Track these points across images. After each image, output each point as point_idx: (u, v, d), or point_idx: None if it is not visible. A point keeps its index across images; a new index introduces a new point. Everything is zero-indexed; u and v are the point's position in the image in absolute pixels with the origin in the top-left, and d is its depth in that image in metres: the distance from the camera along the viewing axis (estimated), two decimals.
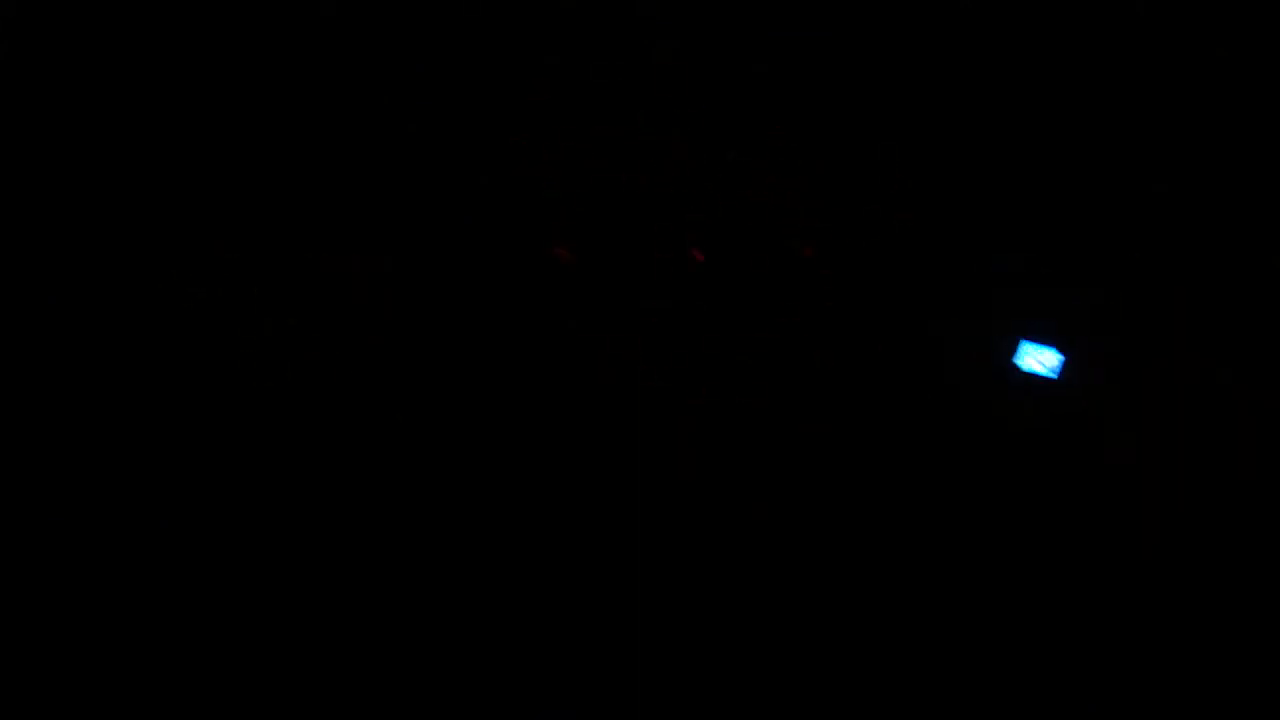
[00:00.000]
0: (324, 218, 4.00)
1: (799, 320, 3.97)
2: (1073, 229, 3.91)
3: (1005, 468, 3.82)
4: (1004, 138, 3.96)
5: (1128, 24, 3.90)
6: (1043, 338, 3.65)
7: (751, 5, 4.01)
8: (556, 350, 3.97)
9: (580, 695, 3.72)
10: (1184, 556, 3.71)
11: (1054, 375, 3.63)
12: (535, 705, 3.71)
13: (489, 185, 4.03)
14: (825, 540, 3.85)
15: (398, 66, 4.04)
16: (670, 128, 4.02)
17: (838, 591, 3.80)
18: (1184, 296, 3.80)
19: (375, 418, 3.92)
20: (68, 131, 3.96)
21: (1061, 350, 3.61)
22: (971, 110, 3.97)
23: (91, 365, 3.86)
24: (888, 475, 3.87)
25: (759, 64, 4.02)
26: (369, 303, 3.97)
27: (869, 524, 3.85)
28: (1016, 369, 3.64)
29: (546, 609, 3.79)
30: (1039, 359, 3.63)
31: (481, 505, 3.88)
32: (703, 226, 4.00)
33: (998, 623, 3.74)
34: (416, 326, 3.97)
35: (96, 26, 3.98)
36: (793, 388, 3.94)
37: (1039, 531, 3.79)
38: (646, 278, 3.99)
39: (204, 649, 3.67)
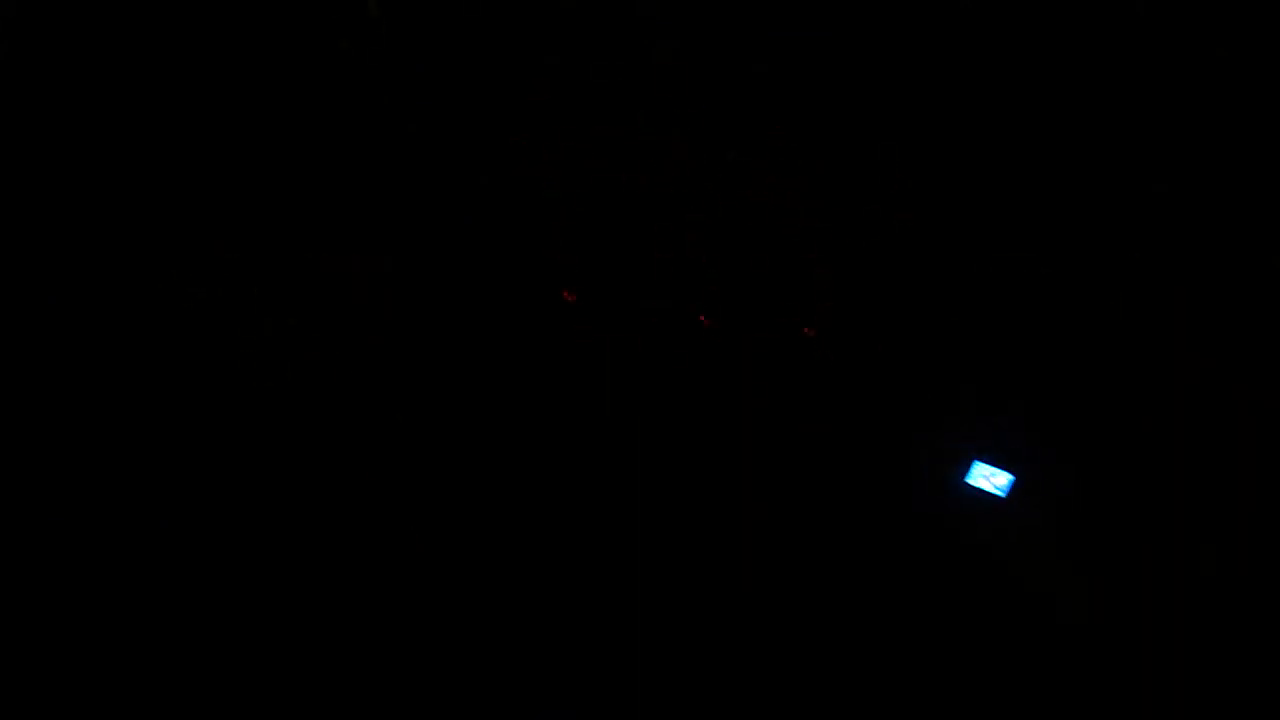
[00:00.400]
0: (324, 218, 3.99)
1: (799, 320, 3.97)
2: (1073, 228, 3.91)
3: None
4: (1004, 138, 3.96)
5: (1128, 24, 3.89)
6: (996, 459, 3.72)
7: (751, 5, 4.01)
8: (556, 350, 3.97)
9: (580, 695, 3.71)
10: (1186, 558, 3.70)
11: (1003, 494, 3.69)
12: (535, 705, 3.70)
13: (489, 185, 4.02)
14: (824, 540, 3.85)
15: (398, 66, 4.04)
16: (670, 128, 4.02)
17: (837, 591, 3.80)
18: (1184, 296, 3.80)
19: (375, 417, 3.92)
20: (68, 131, 3.96)
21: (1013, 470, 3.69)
22: (971, 110, 3.97)
23: (91, 365, 3.86)
24: (886, 475, 3.87)
25: (759, 64, 4.01)
26: (369, 303, 3.97)
27: (868, 524, 3.84)
28: (967, 486, 3.71)
29: (546, 609, 3.79)
30: (990, 479, 3.69)
31: (482, 505, 3.88)
32: (703, 226, 3.99)
33: (998, 621, 3.73)
34: (416, 326, 3.97)
35: (96, 26, 3.98)
36: (793, 388, 3.94)
37: (1040, 527, 3.79)
38: (646, 278, 3.99)
39: (204, 649, 3.67)
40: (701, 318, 3.92)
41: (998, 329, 3.90)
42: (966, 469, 3.74)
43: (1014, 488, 3.70)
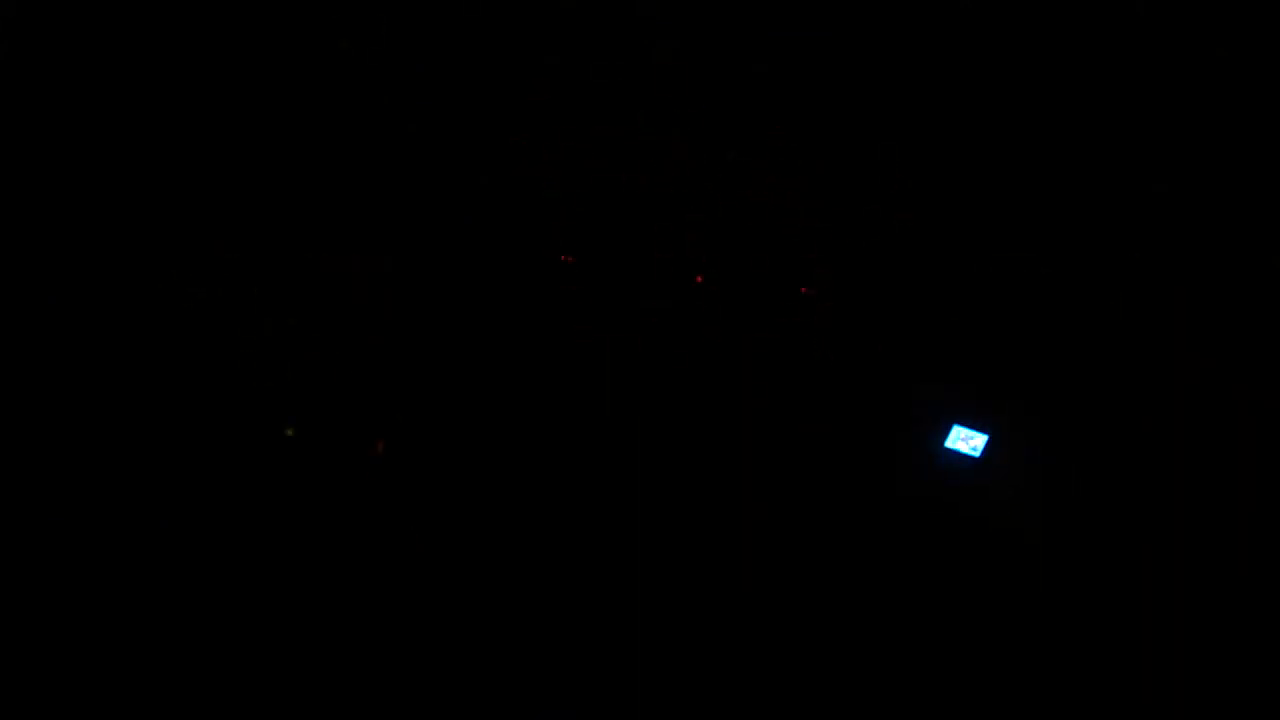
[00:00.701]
0: (324, 218, 4.00)
1: (799, 320, 3.97)
2: (1072, 228, 3.91)
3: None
4: (1004, 138, 3.96)
5: (1128, 24, 3.90)
6: (971, 423, 3.75)
7: (751, 5, 4.01)
8: (556, 350, 3.97)
9: (580, 695, 3.71)
10: (1183, 558, 3.71)
11: (977, 455, 3.72)
12: (535, 705, 3.70)
13: (489, 185, 4.02)
14: (824, 541, 3.85)
15: (398, 66, 4.04)
16: (670, 128, 4.02)
17: (836, 592, 3.80)
18: (1184, 296, 3.80)
19: (375, 418, 3.92)
20: (68, 131, 3.96)
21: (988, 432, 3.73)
22: (971, 110, 3.97)
23: (91, 365, 3.86)
24: (886, 475, 3.87)
25: (759, 64, 4.01)
26: (369, 303, 3.97)
27: (868, 524, 3.84)
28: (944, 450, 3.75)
29: (546, 609, 3.79)
30: (967, 441, 3.72)
31: (481, 505, 3.88)
32: (703, 226, 3.99)
33: (1002, 623, 3.74)
34: (416, 326, 3.97)
35: (96, 26, 3.98)
36: (793, 388, 3.94)
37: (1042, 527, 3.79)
38: (646, 278, 3.99)
39: (204, 649, 3.67)
40: (698, 278, 3.92)
41: (997, 328, 3.90)
42: (945, 433, 3.77)
43: (988, 448, 3.74)
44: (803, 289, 3.90)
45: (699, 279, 3.92)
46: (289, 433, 3.81)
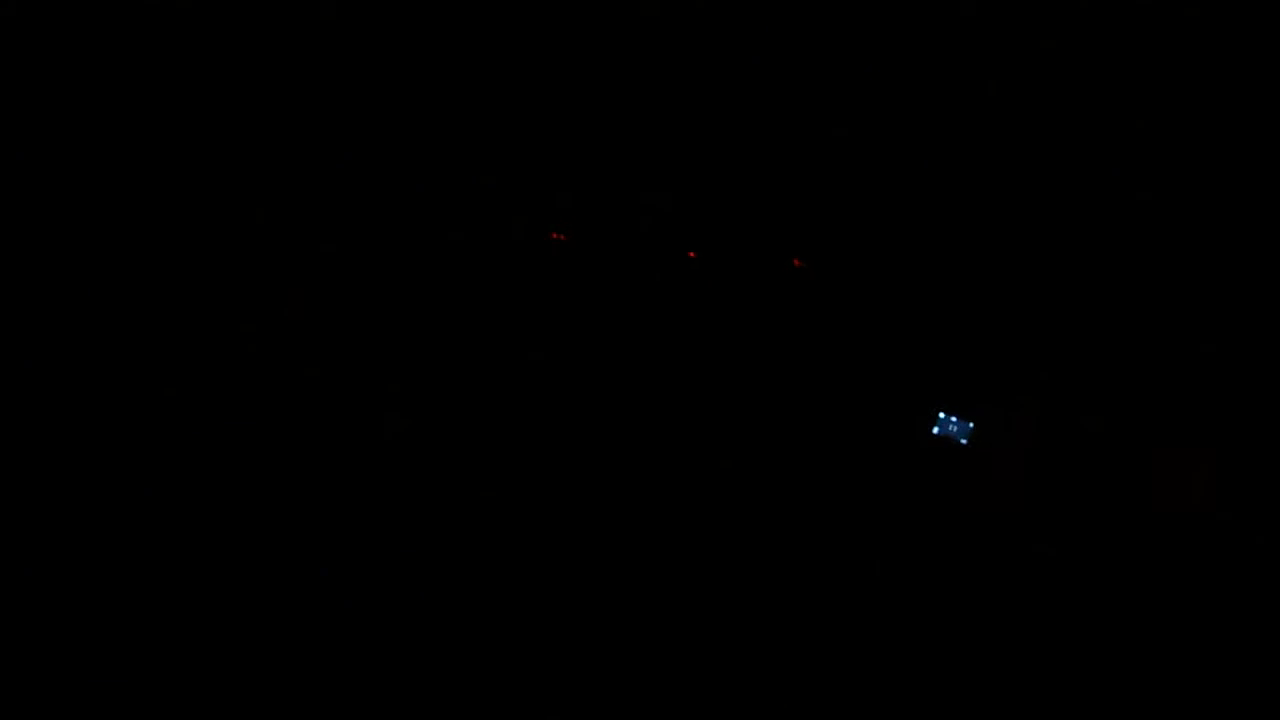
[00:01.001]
0: (323, 218, 4.00)
1: (792, 319, 3.98)
2: (1060, 226, 3.92)
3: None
4: (1003, 139, 3.97)
5: (1128, 24, 3.90)
6: (956, 410, 3.80)
7: (751, 5, 4.01)
8: (555, 349, 3.97)
9: (580, 695, 3.72)
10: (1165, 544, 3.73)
11: (964, 440, 3.78)
12: (535, 706, 3.71)
13: (489, 185, 4.03)
14: (819, 541, 3.86)
15: (397, 67, 4.05)
16: (669, 128, 4.03)
17: (828, 576, 3.81)
18: (1167, 294, 3.83)
19: (375, 418, 3.92)
20: (68, 132, 3.97)
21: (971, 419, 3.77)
22: (971, 112, 3.98)
23: (91, 365, 3.87)
24: (875, 460, 3.88)
25: (761, 65, 4.02)
26: (368, 305, 3.98)
27: (862, 526, 3.85)
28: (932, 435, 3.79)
29: (546, 609, 3.79)
30: (954, 428, 3.78)
31: (481, 505, 3.88)
32: (702, 227, 4.00)
33: (989, 608, 3.75)
34: (416, 326, 3.97)
35: (96, 27, 3.99)
36: (791, 381, 3.95)
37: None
38: (645, 276, 4.00)
39: (204, 649, 3.67)
40: (690, 254, 3.94)
41: (986, 319, 3.92)
42: (933, 421, 3.83)
43: (973, 434, 3.80)
44: (795, 261, 3.91)
45: (691, 255, 3.93)
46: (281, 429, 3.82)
